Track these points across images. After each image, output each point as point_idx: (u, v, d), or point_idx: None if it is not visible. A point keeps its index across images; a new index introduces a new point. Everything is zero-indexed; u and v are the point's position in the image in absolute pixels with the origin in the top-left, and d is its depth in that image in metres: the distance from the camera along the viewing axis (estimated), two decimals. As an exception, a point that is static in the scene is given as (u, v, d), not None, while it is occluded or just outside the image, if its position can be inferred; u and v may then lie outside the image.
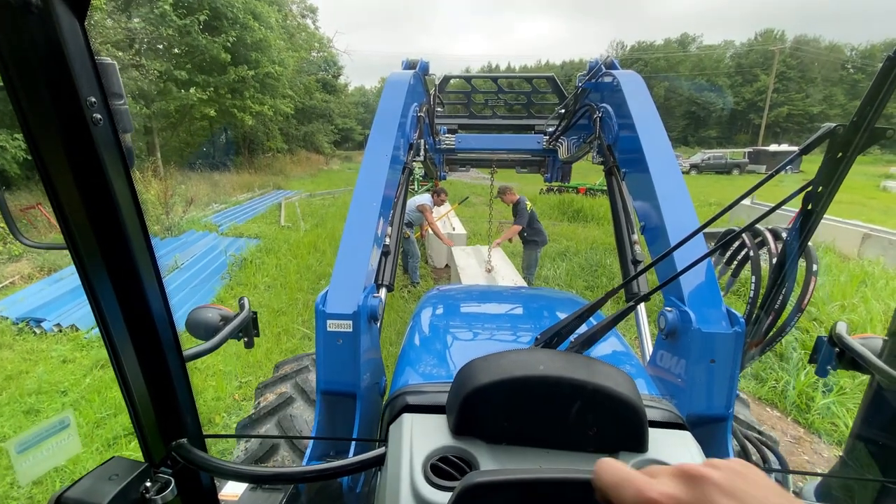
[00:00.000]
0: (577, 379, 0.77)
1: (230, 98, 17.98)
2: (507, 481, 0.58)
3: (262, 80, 18.89)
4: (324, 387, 1.40)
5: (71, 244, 0.57)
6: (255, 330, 1.30)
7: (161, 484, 0.73)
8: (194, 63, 16.81)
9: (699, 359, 1.29)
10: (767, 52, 52.97)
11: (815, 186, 1.00)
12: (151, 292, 0.65)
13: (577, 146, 3.30)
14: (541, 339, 1.03)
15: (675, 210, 1.59)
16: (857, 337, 1.13)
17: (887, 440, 1.09)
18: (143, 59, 13.72)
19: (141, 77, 13.70)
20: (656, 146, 1.81)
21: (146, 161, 13.92)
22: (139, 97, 15.31)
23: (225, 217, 12.37)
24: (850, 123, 0.89)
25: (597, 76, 2.56)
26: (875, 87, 0.83)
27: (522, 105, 4.61)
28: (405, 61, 3.10)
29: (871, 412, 1.16)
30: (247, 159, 24.30)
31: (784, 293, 1.36)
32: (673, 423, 0.95)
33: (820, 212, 1.00)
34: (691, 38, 64.24)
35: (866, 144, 0.90)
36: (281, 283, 6.89)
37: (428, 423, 0.87)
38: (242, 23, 16.93)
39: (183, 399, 0.75)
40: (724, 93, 55.47)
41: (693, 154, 36.06)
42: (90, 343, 4.92)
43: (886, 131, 0.87)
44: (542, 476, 0.58)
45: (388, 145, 1.97)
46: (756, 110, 52.49)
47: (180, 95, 15.94)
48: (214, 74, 16.99)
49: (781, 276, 1.14)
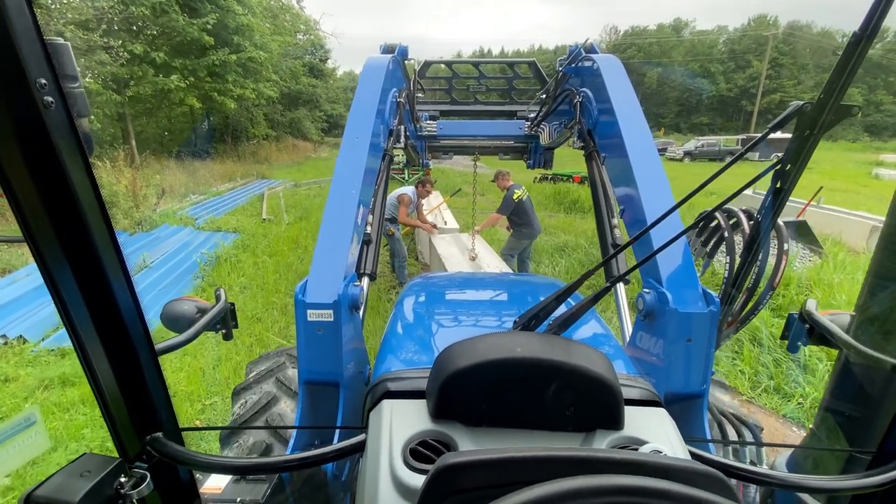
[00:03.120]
0: (554, 360, 0.78)
1: (210, 82, 17.07)
2: (480, 461, 0.59)
3: (244, 65, 17.97)
4: (306, 377, 1.40)
5: (28, 236, 0.55)
6: (234, 321, 1.28)
7: (136, 479, 0.72)
8: (172, 45, 15.88)
9: (676, 338, 1.32)
10: (760, 38, 52.55)
11: (784, 165, 0.99)
12: (117, 285, 0.64)
13: (558, 132, 3.27)
14: (519, 322, 1.03)
15: (652, 194, 1.59)
16: (826, 313, 1.15)
17: (853, 412, 1.13)
18: (112, 41, 12.77)
19: (111, 60, 12.79)
20: (634, 131, 1.80)
21: (118, 149, 13.09)
22: (111, 81, 14.42)
23: (204, 209, 11.70)
24: (816, 101, 0.88)
25: (576, 60, 2.52)
26: (841, 65, 0.81)
27: (504, 91, 4.56)
28: (383, 46, 2.96)
29: (839, 385, 1.20)
30: (230, 147, 23.38)
31: (756, 272, 1.36)
32: (649, 401, 0.97)
33: (789, 189, 1.00)
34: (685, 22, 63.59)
35: (833, 122, 0.88)
36: (258, 283, 6.37)
37: (408, 409, 0.88)
38: (224, 7, 15.99)
39: (156, 393, 0.75)
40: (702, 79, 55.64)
41: (687, 141, 35.76)
42: (37, 358, 4.39)
43: (852, 108, 0.87)
44: (514, 455, 0.59)
45: (367, 132, 1.91)
46: (749, 97, 52.22)
47: (156, 80, 15.05)
48: (192, 57, 16.07)
49: (752, 254, 1.13)
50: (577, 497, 0.47)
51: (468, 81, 4.49)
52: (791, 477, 0.91)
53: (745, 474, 0.84)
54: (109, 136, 15.15)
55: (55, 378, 4.02)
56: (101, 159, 10.72)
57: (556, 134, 3.33)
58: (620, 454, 0.61)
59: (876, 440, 0.87)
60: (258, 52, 17.86)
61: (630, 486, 0.48)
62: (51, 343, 4.66)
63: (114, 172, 10.12)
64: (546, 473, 0.51)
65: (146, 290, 6.02)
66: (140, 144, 17.61)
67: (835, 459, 1.17)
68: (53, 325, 5.03)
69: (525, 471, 0.57)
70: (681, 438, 0.87)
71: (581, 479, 0.48)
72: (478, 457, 0.59)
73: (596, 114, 2.19)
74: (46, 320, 5.06)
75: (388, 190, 2.40)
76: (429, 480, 0.59)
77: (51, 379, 4.00)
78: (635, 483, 0.48)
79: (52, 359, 4.38)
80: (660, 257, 1.40)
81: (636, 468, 0.56)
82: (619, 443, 0.82)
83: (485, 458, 0.59)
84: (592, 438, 0.82)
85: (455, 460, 0.59)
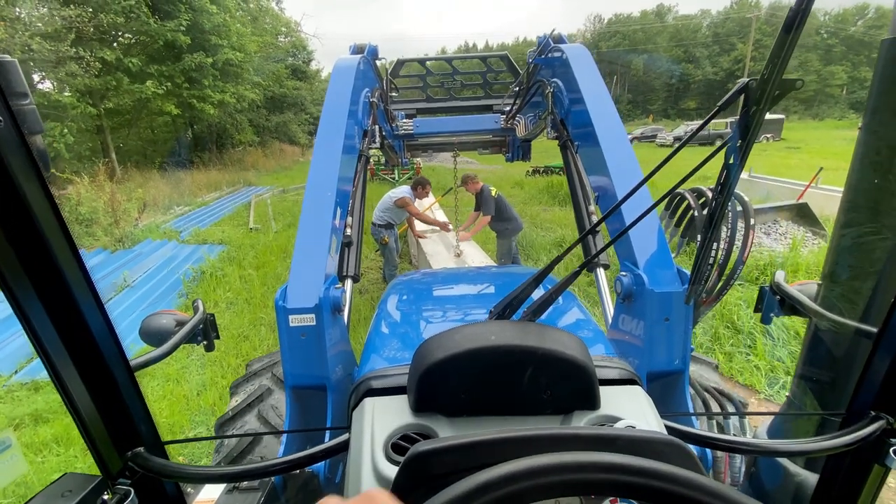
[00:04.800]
0: (527, 345, 0.81)
1: (188, 88, 16.60)
2: (450, 447, 0.59)
3: (221, 68, 17.48)
4: (292, 382, 1.40)
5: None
6: (215, 332, 1.26)
7: (120, 496, 0.71)
8: (146, 52, 15.41)
9: (654, 318, 1.35)
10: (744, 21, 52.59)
11: (734, 141, 0.98)
12: (85, 303, 0.64)
13: (533, 123, 3.25)
14: (494, 311, 1.05)
15: (624, 180, 1.62)
16: (795, 284, 1.18)
17: (825, 377, 1.18)
18: (83, 50, 12.29)
19: (82, 71, 12.32)
20: (604, 118, 1.82)
21: (98, 164, 12.66)
22: (86, 94, 13.95)
23: (189, 221, 11.36)
24: (760, 77, 0.88)
25: (546, 51, 2.54)
26: (781, 39, 0.81)
27: (479, 85, 4.58)
28: (353, 46, 2.96)
29: (810, 352, 1.24)
30: (215, 155, 22.90)
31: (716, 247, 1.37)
32: (625, 380, 0.99)
33: (742, 163, 0.99)
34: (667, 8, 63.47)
35: (778, 96, 0.87)
36: (245, 298, 6.09)
37: (389, 405, 0.89)
38: (197, 7, 15.51)
39: (135, 409, 0.74)
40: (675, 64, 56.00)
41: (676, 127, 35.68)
42: (9, 393, 4.09)
43: (795, 82, 0.88)
44: (483, 438, 0.59)
45: (340, 133, 1.91)
46: (735, 79, 52.24)
47: (132, 88, 14.59)
48: (167, 63, 15.60)
49: (712, 230, 1.16)
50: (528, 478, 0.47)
51: (443, 78, 4.49)
52: (766, 443, 0.95)
53: (722, 443, 0.89)
54: (88, 151, 14.66)
55: (26, 416, 3.73)
56: (80, 175, 10.31)
57: (531, 125, 3.32)
58: (588, 430, 0.62)
59: (846, 402, 0.88)
60: (235, 54, 17.37)
61: (573, 462, 0.48)
62: (24, 376, 4.36)
63: (93, 188, 9.74)
64: (516, 454, 0.51)
65: (127, 311, 5.72)
66: (122, 157, 17.13)
67: (811, 423, 1.24)
68: (27, 356, 4.73)
69: (495, 453, 0.57)
70: (656, 414, 0.89)
71: (525, 460, 0.49)
72: (447, 443, 0.60)
73: (567, 103, 2.21)
74: (20, 350, 4.75)
75: (366, 191, 2.37)
76: (401, 469, 0.60)
77: (21, 417, 3.71)
78: (578, 459, 0.49)
79: (24, 394, 4.08)
80: (634, 240, 1.45)
81: (605, 443, 0.58)
82: (596, 422, 0.84)
83: (454, 443, 0.60)
84: (570, 419, 0.84)
85: (425, 448, 0.59)
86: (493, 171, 18.19)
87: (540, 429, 0.60)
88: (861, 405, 0.83)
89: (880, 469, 0.80)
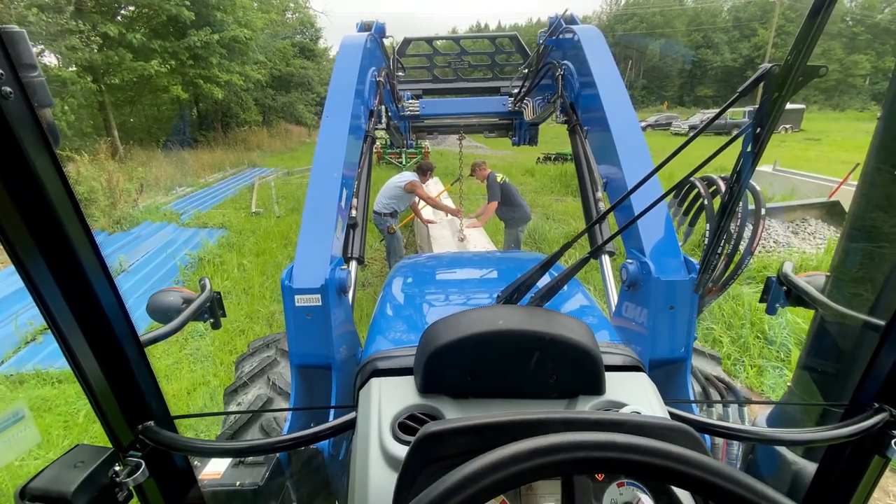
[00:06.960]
0: (535, 330, 0.82)
1: (193, 66, 16.15)
2: (460, 427, 0.60)
3: (228, 45, 16.97)
4: (297, 361, 1.42)
5: (1, 234, 0.53)
6: (221, 310, 1.27)
7: (131, 467, 0.73)
8: (149, 26, 14.94)
9: (659, 306, 1.35)
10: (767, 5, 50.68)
11: (755, 128, 0.94)
12: (96, 278, 0.64)
13: (542, 106, 3.18)
14: (502, 296, 1.08)
15: (634, 167, 1.59)
16: (802, 275, 1.16)
17: (829, 367, 1.20)
18: (83, 23, 11.86)
19: (82, 45, 11.91)
20: (616, 103, 1.80)
21: (99, 141, 12.36)
22: (87, 69, 13.57)
23: (190, 203, 11.09)
24: (784, 63, 0.84)
25: (557, 32, 2.49)
26: (807, 24, 0.78)
27: (488, 67, 4.49)
28: (360, 23, 2.87)
29: (815, 343, 1.26)
30: (220, 134, 22.52)
31: (727, 237, 1.34)
32: (630, 367, 1.01)
33: (759, 152, 0.94)
34: (688, -10, 61.22)
35: (801, 83, 0.85)
36: (244, 287, 5.84)
37: (396, 385, 0.91)
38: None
39: (145, 383, 0.76)
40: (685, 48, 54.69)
41: (692, 115, 34.70)
42: None
43: (819, 69, 0.84)
44: (493, 420, 0.59)
45: (346, 113, 1.89)
46: (754, 67, 50.59)
47: (134, 65, 14.18)
48: (172, 39, 15.12)
49: (725, 218, 1.08)
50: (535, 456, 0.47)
51: (450, 58, 4.41)
52: (767, 431, 0.99)
53: (723, 430, 0.89)
54: (90, 128, 14.35)
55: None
56: (80, 152, 10.04)
57: (539, 109, 3.26)
58: (596, 415, 0.61)
59: (849, 393, 0.87)
60: (242, 31, 16.81)
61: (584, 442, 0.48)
62: (9, 367, 4.16)
63: (93, 166, 9.46)
64: (526, 437, 0.50)
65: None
66: (125, 135, 16.81)
67: (812, 414, 1.26)
68: (14, 346, 4.53)
69: (504, 435, 0.55)
70: (660, 400, 0.90)
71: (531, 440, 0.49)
72: (458, 424, 0.60)
73: (578, 87, 2.16)
74: (5, 340, 4.55)
75: (371, 172, 2.29)
76: (412, 449, 0.61)
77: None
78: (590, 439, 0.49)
79: (4, 388, 3.88)
80: (642, 228, 1.44)
81: (612, 427, 0.57)
82: (601, 407, 0.85)
83: (464, 424, 0.60)
84: (575, 404, 0.85)
85: (436, 428, 0.60)
86: (502, 156, 17.72)
87: (550, 412, 0.59)
88: (865, 397, 0.83)
89: (880, 460, 0.81)
